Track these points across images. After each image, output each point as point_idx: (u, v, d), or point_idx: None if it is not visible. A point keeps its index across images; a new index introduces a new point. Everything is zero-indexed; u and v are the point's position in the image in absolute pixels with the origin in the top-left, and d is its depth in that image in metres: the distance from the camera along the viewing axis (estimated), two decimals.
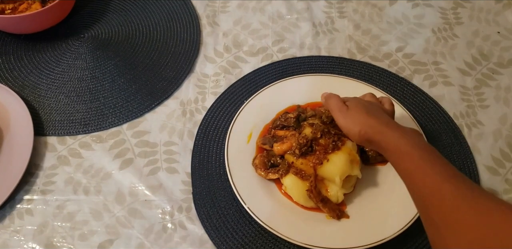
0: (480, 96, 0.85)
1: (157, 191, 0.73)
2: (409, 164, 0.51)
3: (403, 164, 0.52)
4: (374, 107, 0.61)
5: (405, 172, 0.52)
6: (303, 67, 0.87)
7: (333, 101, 0.62)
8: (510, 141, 0.79)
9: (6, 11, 0.85)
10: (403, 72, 0.87)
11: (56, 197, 0.72)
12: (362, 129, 0.57)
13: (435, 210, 0.46)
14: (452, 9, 0.98)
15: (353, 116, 0.59)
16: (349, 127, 0.59)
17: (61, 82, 0.85)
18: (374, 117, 0.58)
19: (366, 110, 0.59)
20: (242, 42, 0.92)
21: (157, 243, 0.68)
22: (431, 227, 0.47)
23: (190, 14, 0.95)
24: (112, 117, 0.80)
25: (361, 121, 0.58)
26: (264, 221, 0.65)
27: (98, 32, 0.92)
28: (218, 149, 0.77)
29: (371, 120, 0.57)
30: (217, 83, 0.85)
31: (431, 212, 0.46)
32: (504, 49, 0.91)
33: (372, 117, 0.58)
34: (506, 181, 0.75)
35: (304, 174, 0.67)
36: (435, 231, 0.45)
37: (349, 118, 0.59)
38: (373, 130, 0.56)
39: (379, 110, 0.61)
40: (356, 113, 0.59)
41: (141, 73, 0.86)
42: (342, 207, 0.69)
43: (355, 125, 0.58)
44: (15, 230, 0.69)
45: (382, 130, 0.56)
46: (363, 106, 0.60)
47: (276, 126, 0.75)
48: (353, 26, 0.94)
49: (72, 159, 0.76)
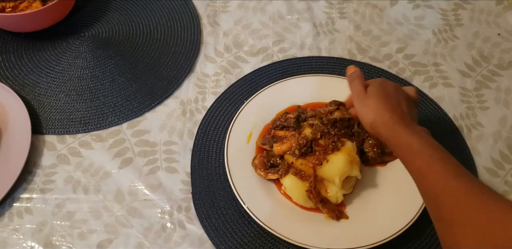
0: (480, 97, 0.85)
1: (156, 190, 0.73)
2: (420, 163, 0.51)
3: (415, 163, 0.52)
4: (396, 95, 0.59)
5: (416, 170, 0.52)
6: (303, 67, 0.87)
7: (355, 85, 0.61)
8: (509, 143, 0.79)
9: (7, 9, 0.85)
10: (404, 73, 0.87)
11: (55, 196, 0.72)
12: (375, 121, 0.57)
13: (447, 208, 0.46)
14: (452, 11, 0.98)
15: (369, 105, 0.58)
16: (362, 115, 0.58)
17: (61, 81, 0.85)
18: (389, 110, 0.56)
19: (384, 100, 0.57)
20: (243, 42, 0.92)
21: (156, 242, 0.68)
22: (442, 224, 0.47)
23: (191, 14, 0.95)
24: (112, 116, 0.80)
25: (375, 112, 0.57)
26: (263, 221, 0.65)
27: (99, 31, 0.92)
28: (218, 149, 0.77)
29: (386, 114, 0.56)
30: (217, 83, 0.85)
31: (442, 210, 0.47)
32: (504, 51, 0.91)
33: (388, 110, 0.56)
34: (506, 183, 0.75)
35: (304, 174, 0.67)
36: (446, 228, 0.46)
37: (366, 105, 0.58)
38: (385, 124, 0.56)
39: (400, 100, 0.59)
40: (373, 102, 0.58)
41: (141, 72, 0.86)
42: (341, 207, 0.69)
43: (369, 115, 0.57)
44: (14, 229, 0.69)
45: (393, 126, 0.55)
46: (384, 94, 0.58)
47: (276, 126, 0.75)
48: (354, 26, 0.94)
49: (72, 158, 0.76)
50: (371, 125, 0.57)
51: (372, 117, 0.57)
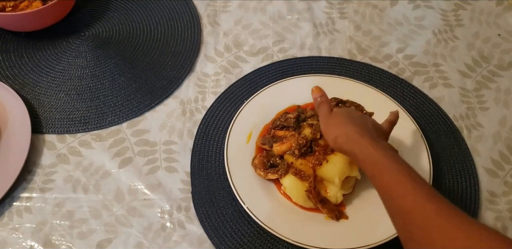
0: (480, 98, 0.85)
1: (156, 190, 0.73)
2: (388, 178, 0.49)
3: (382, 178, 0.50)
4: (362, 120, 0.59)
5: (383, 186, 0.50)
6: (303, 67, 0.87)
7: (322, 107, 0.61)
8: (509, 143, 0.79)
9: (7, 9, 0.85)
10: (403, 73, 0.88)
11: (55, 195, 0.72)
12: (338, 135, 0.56)
13: (418, 227, 0.44)
14: (453, 11, 0.98)
15: (334, 122, 0.58)
16: (327, 132, 0.58)
17: (61, 80, 0.85)
18: (355, 125, 0.56)
19: (348, 119, 0.58)
20: (243, 42, 0.92)
21: (156, 242, 0.68)
22: (412, 243, 0.45)
23: (191, 14, 0.95)
24: (112, 116, 0.80)
25: (339, 128, 0.57)
26: (263, 221, 0.65)
27: (99, 31, 0.92)
28: (218, 149, 0.77)
29: (350, 128, 0.56)
30: (217, 82, 0.85)
31: (413, 229, 0.45)
32: (505, 52, 0.91)
33: (354, 125, 0.56)
34: (505, 183, 0.75)
35: (304, 174, 0.67)
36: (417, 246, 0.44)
37: (330, 123, 0.59)
38: (348, 137, 0.55)
39: (366, 123, 0.59)
40: (337, 119, 0.58)
41: (141, 72, 0.86)
42: (341, 207, 0.69)
43: (333, 130, 0.57)
44: (14, 228, 0.69)
45: (359, 139, 0.54)
46: (348, 114, 0.59)
47: (276, 126, 0.75)
48: (354, 27, 0.94)
49: (72, 157, 0.76)
50: (335, 139, 0.56)
51: (337, 131, 0.56)
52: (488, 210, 0.72)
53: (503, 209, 0.72)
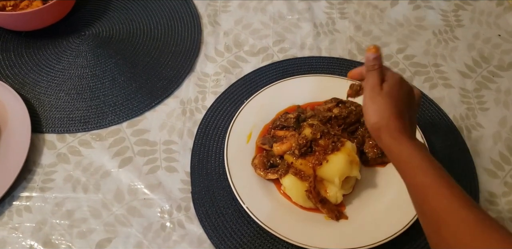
0: (480, 98, 0.85)
1: (156, 189, 0.73)
2: (423, 179, 0.49)
3: (416, 178, 0.50)
4: (407, 100, 0.56)
5: (417, 186, 0.50)
6: (303, 67, 0.87)
7: (372, 75, 0.55)
8: (509, 144, 0.79)
9: (7, 8, 0.85)
10: (404, 73, 0.87)
11: (55, 194, 0.72)
12: (379, 123, 0.53)
13: (450, 231, 0.45)
14: (453, 11, 0.98)
15: (379, 104, 0.53)
16: (368, 112, 0.54)
17: (61, 80, 0.85)
18: (397, 117, 0.53)
19: (395, 103, 0.53)
20: (243, 41, 0.92)
21: (156, 241, 0.68)
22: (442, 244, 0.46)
23: (191, 13, 0.95)
24: (112, 115, 0.80)
25: (382, 115, 0.53)
26: (263, 221, 0.65)
27: (99, 30, 0.92)
28: (218, 149, 0.77)
29: (393, 120, 0.53)
30: (218, 82, 0.85)
31: (444, 232, 0.45)
32: (505, 52, 0.91)
33: (396, 117, 0.53)
34: (505, 184, 0.75)
35: (304, 174, 0.67)
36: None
37: (375, 102, 0.54)
38: (389, 130, 0.53)
39: (408, 107, 0.56)
40: (384, 102, 0.53)
41: (141, 71, 0.86)
42: (341, 208, 0.69)
43: (376, 114, 0.53)
44: (14, 227, 0.69)
45: (399, 135, 0.52)
46: (396, 97, 0.54)
47: (276, 126, 0.75)
48: (354, 27, 0.94)
49: (72, 157, 0.76)
50: (373, 125, 0.54)
51: (378, 118, 0.53)
52: (488, 211, 0.72)
53: (503, 209, 0.72)
